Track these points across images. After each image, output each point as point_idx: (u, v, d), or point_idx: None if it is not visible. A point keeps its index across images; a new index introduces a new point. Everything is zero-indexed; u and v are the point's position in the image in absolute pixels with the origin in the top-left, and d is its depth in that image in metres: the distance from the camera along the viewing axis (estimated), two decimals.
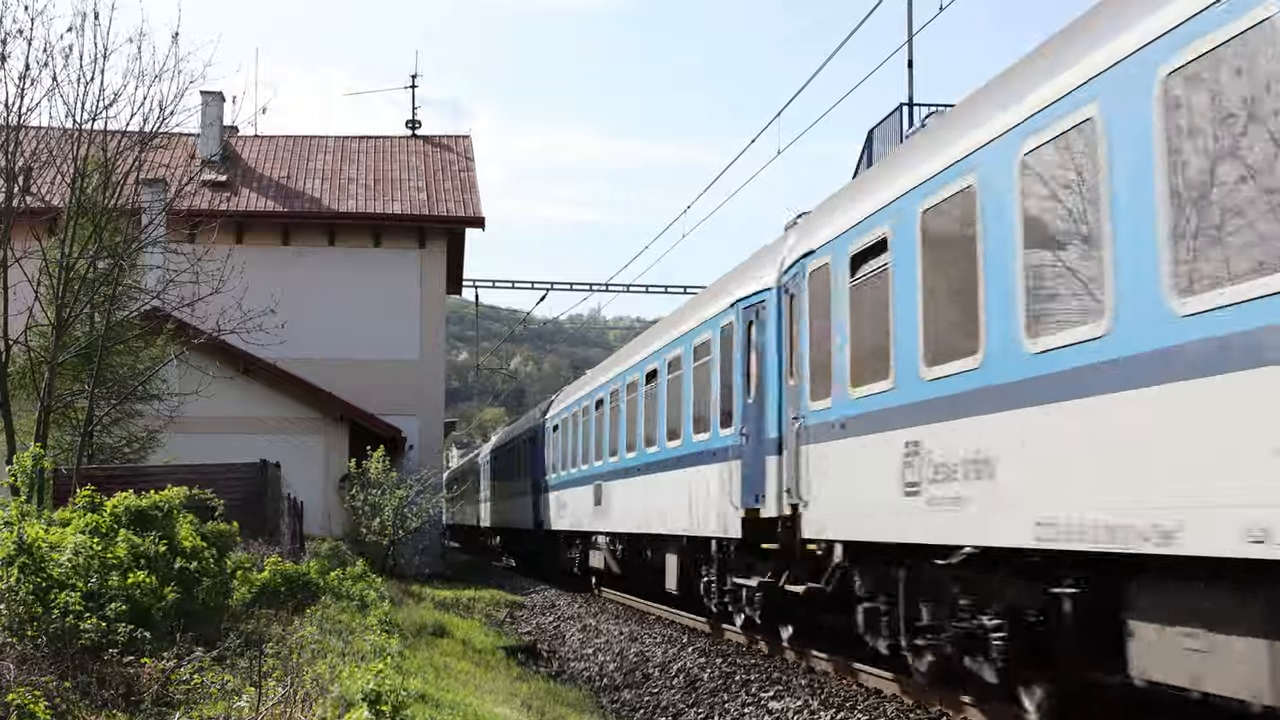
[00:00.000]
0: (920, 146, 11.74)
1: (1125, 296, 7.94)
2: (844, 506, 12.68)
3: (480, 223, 37.13)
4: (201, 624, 11.08)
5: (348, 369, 34.27)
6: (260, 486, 22.80)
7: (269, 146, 39.40)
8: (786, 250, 15.27)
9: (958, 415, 10.04)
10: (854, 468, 12.34)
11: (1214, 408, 7.10)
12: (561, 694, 14.68)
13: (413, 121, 41.82)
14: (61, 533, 11.07)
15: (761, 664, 15.88)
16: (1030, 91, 9.21)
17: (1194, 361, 7.26)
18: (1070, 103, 8.58)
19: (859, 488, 12.16)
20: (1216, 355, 7.07)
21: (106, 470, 21.42)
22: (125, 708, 7.98)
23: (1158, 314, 7.59)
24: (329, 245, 36.43)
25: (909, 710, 12.05)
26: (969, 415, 9.86)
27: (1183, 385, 7.35)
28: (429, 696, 10.58)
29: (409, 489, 30.18)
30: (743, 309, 16.49)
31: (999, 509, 9.41)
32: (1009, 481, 9.29)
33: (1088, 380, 8.29)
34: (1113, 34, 8.24)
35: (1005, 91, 9.86)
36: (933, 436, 10.49)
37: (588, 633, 21.63)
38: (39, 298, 19.82)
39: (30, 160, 20.17)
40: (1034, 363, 8.96)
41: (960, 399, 10.05)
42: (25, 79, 18.93)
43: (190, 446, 26.01)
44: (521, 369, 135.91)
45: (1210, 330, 7.14)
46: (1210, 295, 7.16)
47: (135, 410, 25.15)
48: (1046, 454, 8.81)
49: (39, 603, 9.33)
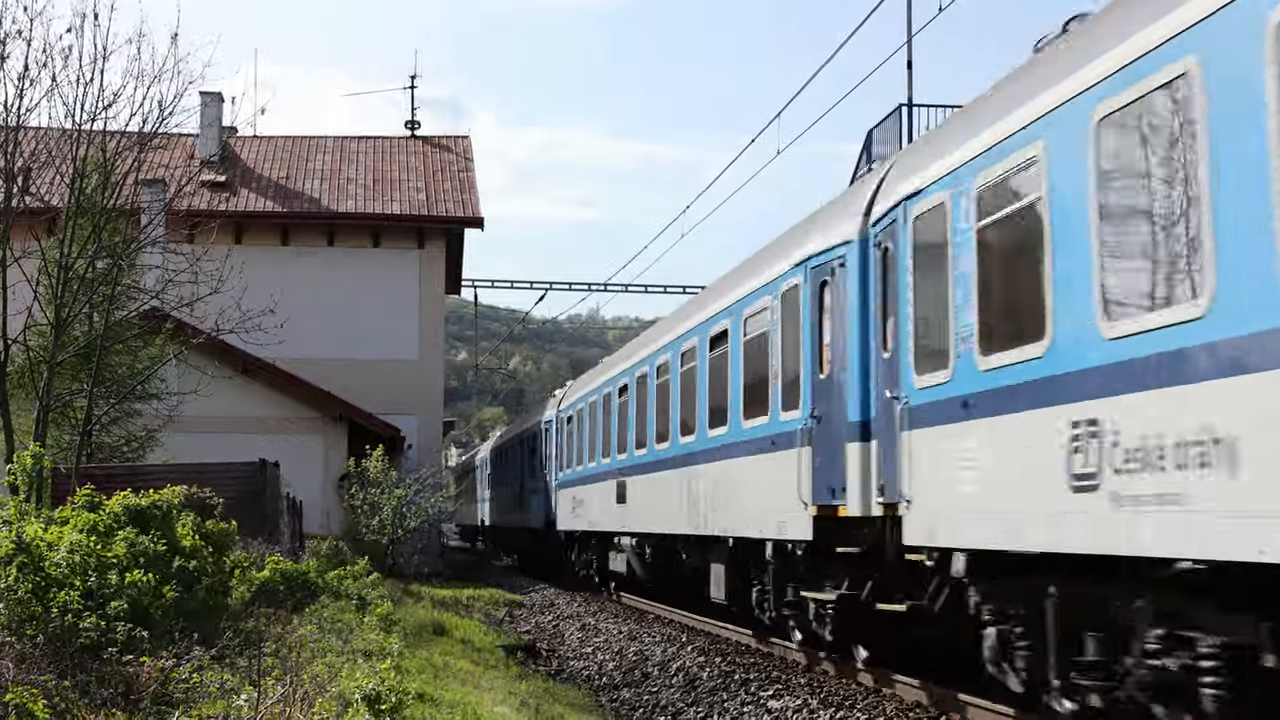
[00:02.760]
0: (1091, 34, 9.19)
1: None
2: (968, 505, 10.22)
3: (479, 223, 37.16)
4: (201, 623, 11.07)
5: (347, 369, 34.27)
6: (259, 486, 22.80)
7: (268, 147, 39.41)
8: (875, 193, 12.70)
9: (1167, 383, 7.62)
10: (989, 457, 9.91)
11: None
12: (560, 693, 14.68)
13: (412, 122, 41.85)
14: (60, 532, 11.06)
15: (761, 663, 15.88)
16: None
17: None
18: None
19: (995, 482, 9.78)
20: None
21: (105, 469, 21.41)
22: (124, 707, 7.98)
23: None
24: (328, 245, 36.44)
25: (909, 710, 12.05)
26: (1187, 382, 7.43)
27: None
28: (428, 695, 10.59)
29: (408, 488, 30.19)
30: (812, 269, 13.95)
31: (1237, 508, 7.01)
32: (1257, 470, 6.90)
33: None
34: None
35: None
36: (1123, 413, 8.03)
37: (587, 631, 21.63)
38: (38, 297, 19.83)
39: (30, 160, 20.18)
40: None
41: (1169, 361, 7.61)
42: (25, 79, 18.99)
43: (189, 446, 26.00)
44: (520, 369, 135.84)
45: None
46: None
47: (134, 410, 25.14)
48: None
49: (38, 602, 9.32)
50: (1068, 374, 8.65)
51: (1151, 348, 7.75)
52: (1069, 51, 9.32)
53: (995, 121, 9.95)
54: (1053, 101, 9.00)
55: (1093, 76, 8.53)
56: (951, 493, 10.49)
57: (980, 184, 10.06)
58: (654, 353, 22.10)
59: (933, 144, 11.84)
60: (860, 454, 12.52)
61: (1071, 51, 9.24)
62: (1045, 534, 8.95)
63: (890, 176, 12.44)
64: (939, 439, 10.75)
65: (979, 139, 10.18)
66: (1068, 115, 8.77)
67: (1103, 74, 8.41)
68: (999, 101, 10.25)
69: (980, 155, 10.09)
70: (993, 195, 9.87)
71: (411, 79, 43.44)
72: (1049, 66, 9.56)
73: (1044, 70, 9.64)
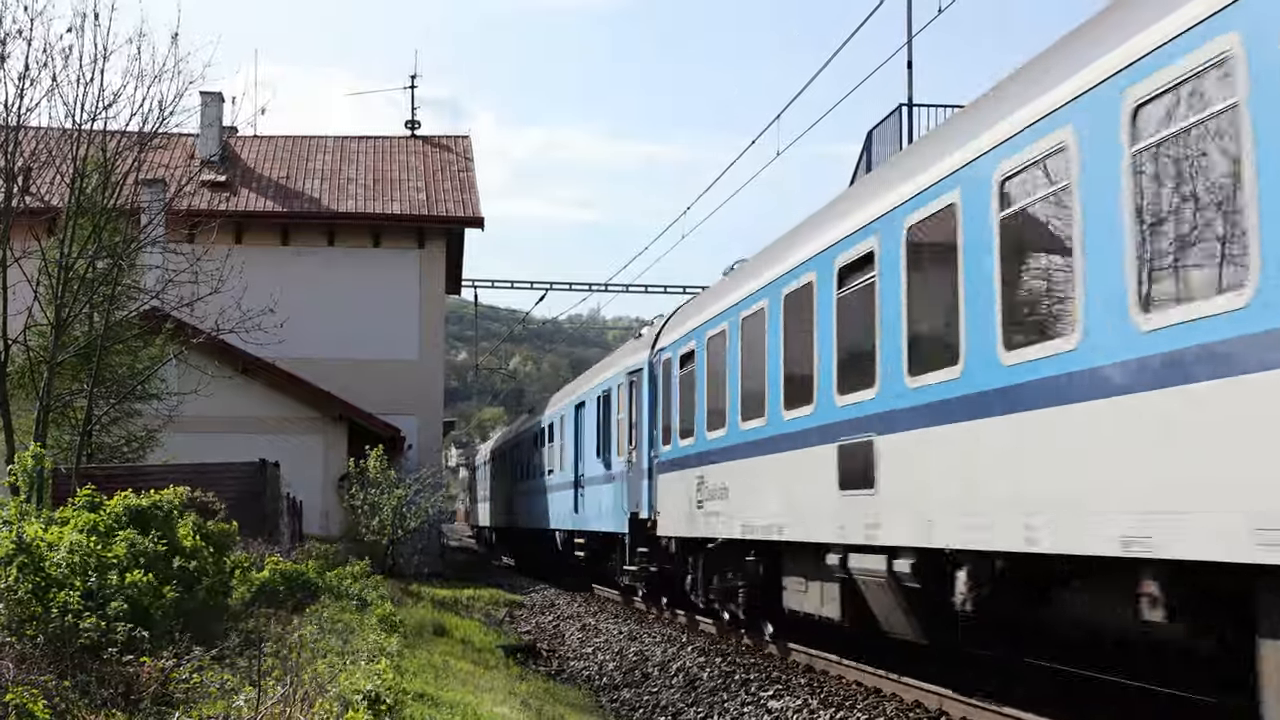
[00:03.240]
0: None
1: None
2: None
3: (479, 223, 37.17)
4: (201, 623, 11.07)
5: (347, 369, 34.28)
6: (259, 486, 22.81)
7: (268, 147, 39.42)
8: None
9: None
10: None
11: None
12: (561, 693, 14.68)
13: (412, 122, 41.88)
14: (60, 532, 11.06)
15: (761, 663, 15.87)
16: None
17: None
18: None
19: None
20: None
21: (106, 470, 21.41)
22: (124, 707, 7.97)
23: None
24: (328, 245, 36.45)
25: (909, 710, 12.05)
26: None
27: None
28: (428, 695, 10.59)
29: (408, 488, 30.18)
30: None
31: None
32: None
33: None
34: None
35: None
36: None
37: (587, 632, 21.63)
38: (38, 297, 19.82)
39: (30, 160, 20.17)
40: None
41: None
42: (25, 79, 18.95)
43: (189, 446, 26.00)
44: (521, 369, 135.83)
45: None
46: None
47: (134, 410, 25.14)
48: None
49: (38, 602, 9.32)
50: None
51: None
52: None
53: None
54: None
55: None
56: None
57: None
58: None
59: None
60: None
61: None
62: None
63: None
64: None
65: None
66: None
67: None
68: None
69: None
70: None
71: (411, 79, 43.53)
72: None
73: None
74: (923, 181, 11.27)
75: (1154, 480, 7.87)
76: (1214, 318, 7.33)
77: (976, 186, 10.18)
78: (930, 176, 11.13)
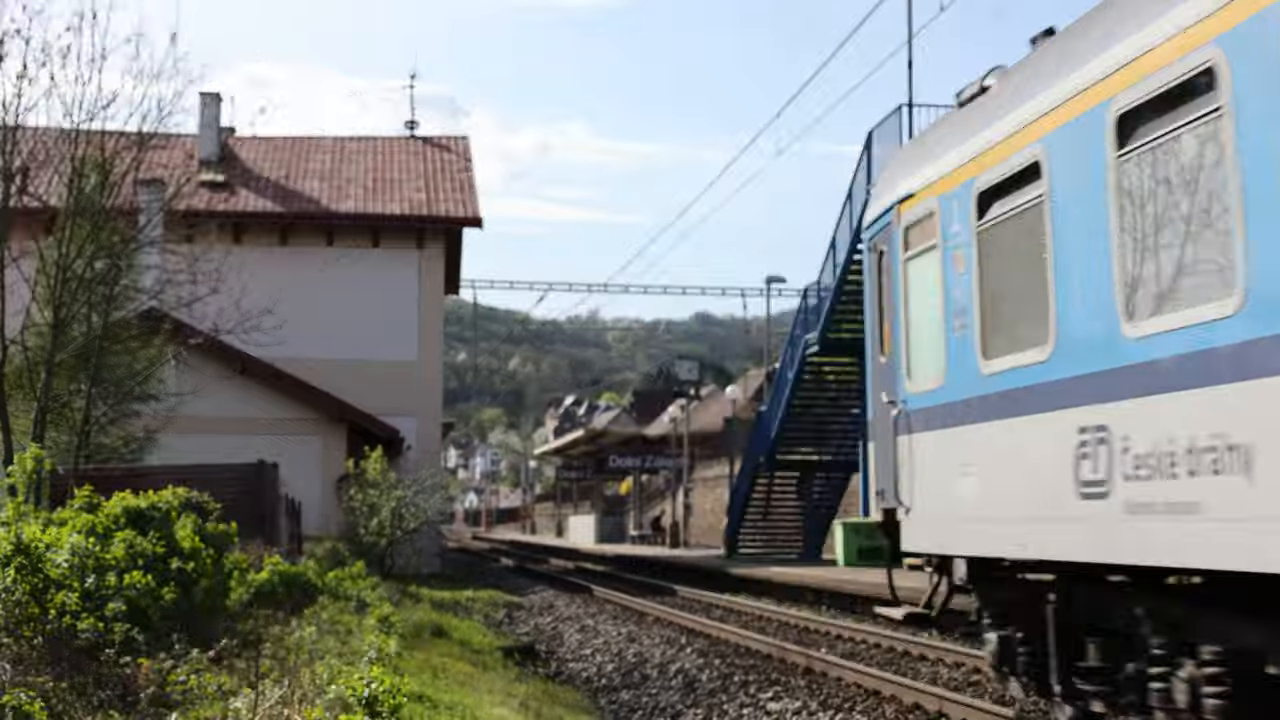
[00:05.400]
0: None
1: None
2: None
3: (478, 223, 37.15)
4: (199, 624, 11.04)
5: (345, 369, 34.24)
6: (258, 487, 22.75)
7: (267, 147, 39.39)
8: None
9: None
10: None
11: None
12: (559, 695, 14.65)
13: (411, 122, 41.91)
14: (58, 533, 11.03)
15: (760, 665, 15.85)
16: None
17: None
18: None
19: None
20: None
21: (104, 470, 21.37)
22: (121, 708, 7.95)
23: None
24: (327, 246, 36.42)
25: (908, 711, 12.02)
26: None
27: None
28: (427, 697, 10.56)
29: (407, 489, 30.14)
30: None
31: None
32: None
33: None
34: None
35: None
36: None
37: (586, 633, 21.59)
38: (36, 298, 19.80)
39: (28, 160, 20.14)
40: None
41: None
42: (23, 78, 18.92)
43: (188, 447, 25.95)
44: (520, 369, 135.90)
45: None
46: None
47: (133, 410, 25.09)
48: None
49: (35, 603, 9.29)
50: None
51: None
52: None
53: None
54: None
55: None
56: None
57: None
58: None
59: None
60: None
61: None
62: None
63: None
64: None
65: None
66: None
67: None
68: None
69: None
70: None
71: (410, 79, 43.62)
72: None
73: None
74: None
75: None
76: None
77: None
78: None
